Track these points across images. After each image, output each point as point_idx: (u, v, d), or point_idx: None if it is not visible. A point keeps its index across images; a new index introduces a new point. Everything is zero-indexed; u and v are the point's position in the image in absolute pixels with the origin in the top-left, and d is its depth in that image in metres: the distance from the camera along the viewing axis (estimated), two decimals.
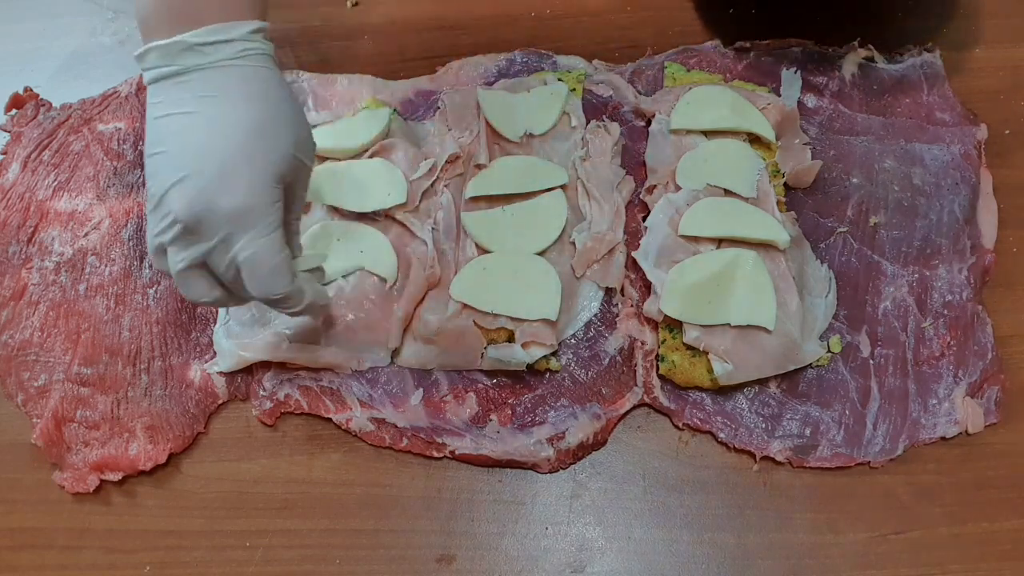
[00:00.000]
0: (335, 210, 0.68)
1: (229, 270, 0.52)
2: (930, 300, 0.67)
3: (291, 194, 0.55)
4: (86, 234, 0.72)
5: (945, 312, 0.67)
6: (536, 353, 0.63)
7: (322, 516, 0.63)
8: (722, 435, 0.64)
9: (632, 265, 0.68)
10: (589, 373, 0.66)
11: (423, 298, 0.66)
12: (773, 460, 0.63)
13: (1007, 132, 0.74)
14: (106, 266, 0.71)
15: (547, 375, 0.66)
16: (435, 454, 0.64)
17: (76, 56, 0.83)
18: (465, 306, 0.64)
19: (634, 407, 0.65)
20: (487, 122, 0.70)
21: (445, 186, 0.70)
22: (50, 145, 0.76)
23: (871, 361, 0.65)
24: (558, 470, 0.64)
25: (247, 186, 0.50)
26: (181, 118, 0.51)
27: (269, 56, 0.55)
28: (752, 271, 0.64)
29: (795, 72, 0.76)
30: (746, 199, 0.68)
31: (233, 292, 0.55)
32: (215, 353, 0.67)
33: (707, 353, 0.63)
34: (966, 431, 0.63)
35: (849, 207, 0.71)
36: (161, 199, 0.51)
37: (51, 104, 0.78)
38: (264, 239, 0.51)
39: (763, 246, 0.66)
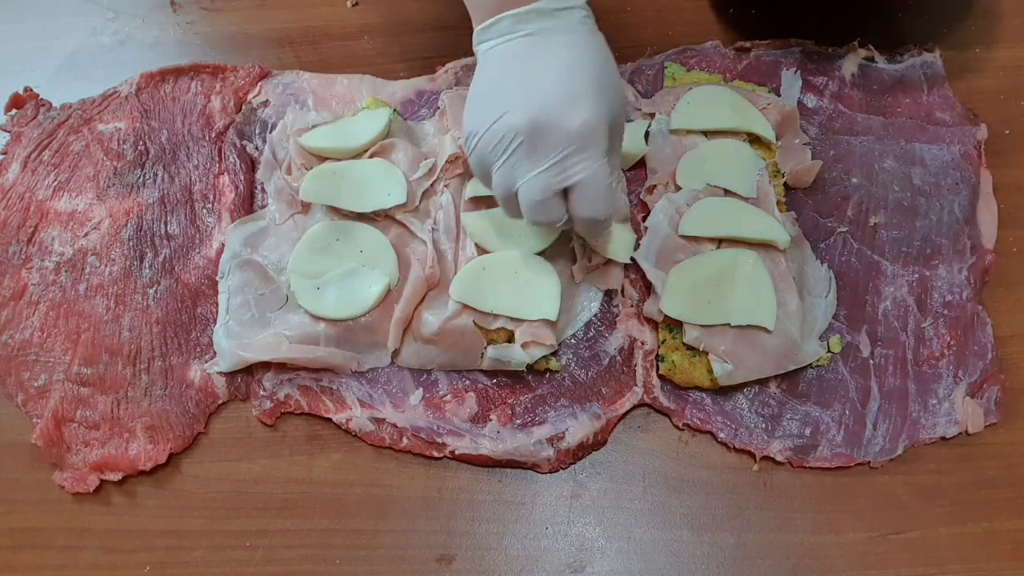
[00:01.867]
0: (335, 210, 0.68)
1: (558, 187, 0.56)
2: (930, 300, 0.67)
3: (613, 140, 0.58)
4: (86, 234, 0.72)
5: (945, 312, 0.67)
6: (536, 353, 0.63)
7: (322, 516, 0.63)
8: (722, 435, 0.64)
9: (632, 265, 0.68)
10: (589, 373, 0.66)
11: (423, 298, 0.66)
12: (773, 460, 0.63)
13: (1007, 132, 0.74)
14: (106, 266, 0.71)
15: (547, 375, 0.66)
16: (435, 454, 0.64)
17: (76, 56, 0.83)
18: (465, 306, 0.64)
19: (634, 407, 0.65)
20: None
21: (445, 186, 0.70)
22: (50, 145, 0.76)
23: (871, 361, 0.65)
24: (558, 470, 0.64)
25: (591, 110, 0.55)
26: (527, 60, 0.56)
27: (595, 25, 0.59)
28: (752, 271, 0.64)
29: (795, 72, 0.76)
30: (746, 199, 0.68)
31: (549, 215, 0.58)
32: (215, 353, 0.67)
33: (707, 353, 0.63)
34: (966, 431, 0.63)
35: (849, 207, 0.71)
36: (499, 119, 0.56)
37: (51, 104, 0.78)
38: (599, 162, 0.56)
39: (763, 246, 0.66)
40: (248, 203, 0.73)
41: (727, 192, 0.68)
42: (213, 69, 0.79)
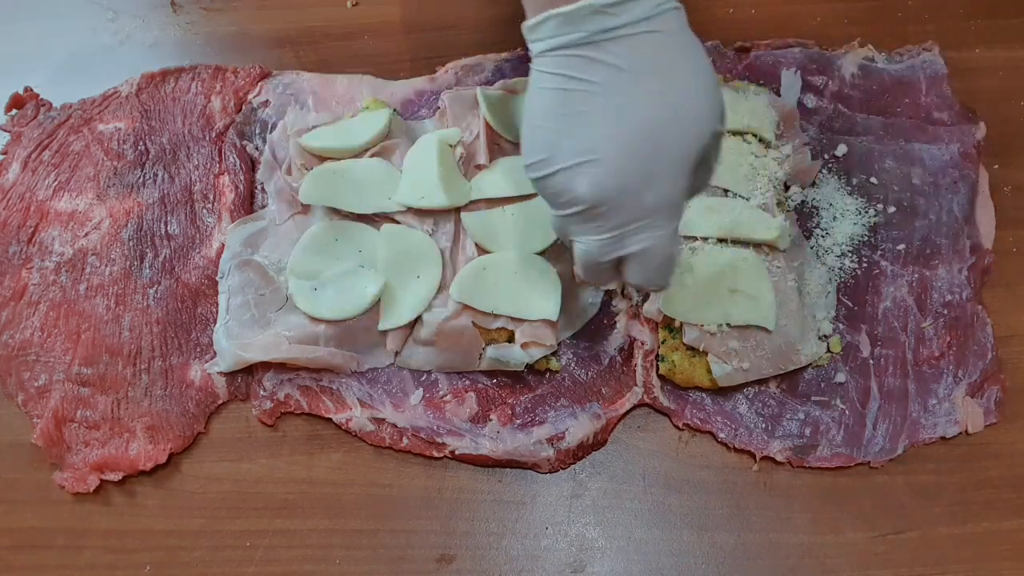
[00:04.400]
0: (335, 210, 0.68)
1: (613, 255, 0.49)
2: (930, 300, 0.67)
3: (703, 169, 0.49)
4: (86, 234, 0.72)
5: (945, 312, 0.67)
6: (536, 353, 0.63)
7: (322, 516, 0.63)
8: (722, 435, 0.64)
9: None
10: (589, 373, 0.66)
11: None
12: (773, 460, 0.63)
13: (1007, 132, 0.74)
14: (106, 266, 0.71)
15: (547, 375, 0.66)
16: (435, 454, 0.64)
17: (76, 56, 0.83)
18: (465, 306, 0.64)
19: (634, 407, 0.65)
20: (487, 122, 0.70)
21: None
22: (50, 145, 0.76)
23: (871, 361, 0.65)
24: (558, 470, 0.64)
25: (668, 180, 0.45)
26: (583, 94, 0.45)
27: (680, 13, 0.47)
28: (752, 271, 0.64)
29: (795, 72, 0.76)
30: (746, 199, 0.68)
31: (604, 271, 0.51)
32: (215, 353, 0.67)
33: (707, 353, 0.63)
34: (966, 431, 0.63)
35: None
36: (556, 174, 0.47)
37: (51, 104, 0.78)
38: (664, 233, 0.47)
39: (763, 246, 0.66)
40: (248, 203, 0.73)
41: (727, 192, 0.68)
42: (213, 69, 0.79)
